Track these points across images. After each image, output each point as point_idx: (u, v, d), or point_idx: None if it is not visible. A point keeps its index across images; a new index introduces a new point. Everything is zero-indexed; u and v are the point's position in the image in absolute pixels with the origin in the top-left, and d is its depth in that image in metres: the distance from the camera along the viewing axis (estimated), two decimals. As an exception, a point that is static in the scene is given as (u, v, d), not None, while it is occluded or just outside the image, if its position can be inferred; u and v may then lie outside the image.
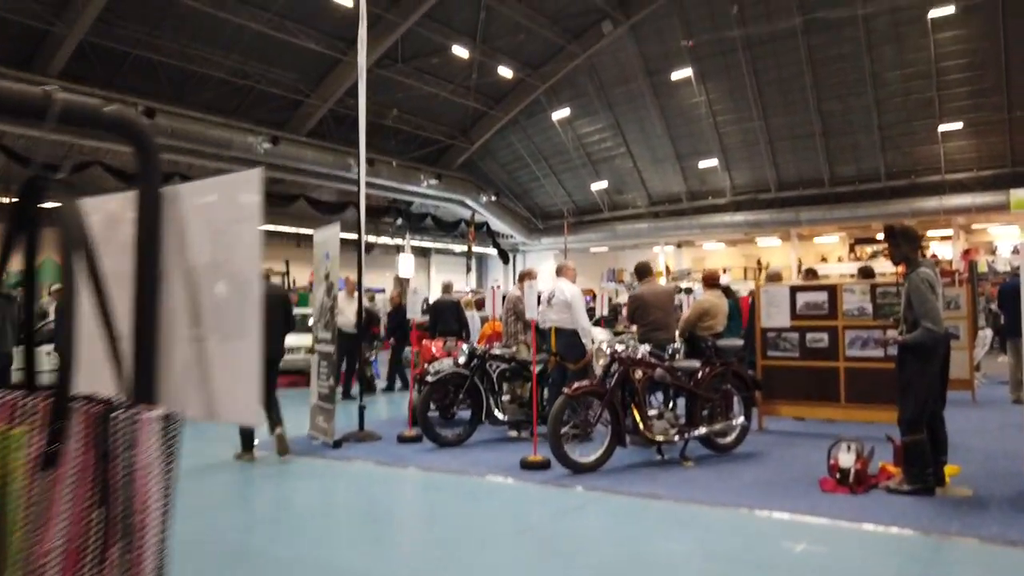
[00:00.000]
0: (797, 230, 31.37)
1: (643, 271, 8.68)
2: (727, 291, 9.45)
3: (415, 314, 8.94)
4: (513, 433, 8.51)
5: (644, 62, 28.73)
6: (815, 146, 28.79)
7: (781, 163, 30.27)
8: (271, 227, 28.05)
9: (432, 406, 8.24)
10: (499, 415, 8.10)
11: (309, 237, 26.05)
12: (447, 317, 11.45)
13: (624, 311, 10.15)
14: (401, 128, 29.61)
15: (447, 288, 13.27)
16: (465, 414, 8.45)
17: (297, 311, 13.60)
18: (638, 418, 6.94)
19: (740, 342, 8.53)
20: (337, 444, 7.95)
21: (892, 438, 6.41)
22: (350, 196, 30.74)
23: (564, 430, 6.72)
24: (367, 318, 11.78)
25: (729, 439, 7.70)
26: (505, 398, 8.26)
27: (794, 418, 9.11)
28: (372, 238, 34.37)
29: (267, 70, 24.51)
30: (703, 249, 35.32)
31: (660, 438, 7.04)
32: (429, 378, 8.03)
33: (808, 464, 7.04)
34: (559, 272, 8.34)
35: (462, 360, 8.20)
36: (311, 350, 8.53)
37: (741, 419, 7.73)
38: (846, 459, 6.27)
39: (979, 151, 27.15)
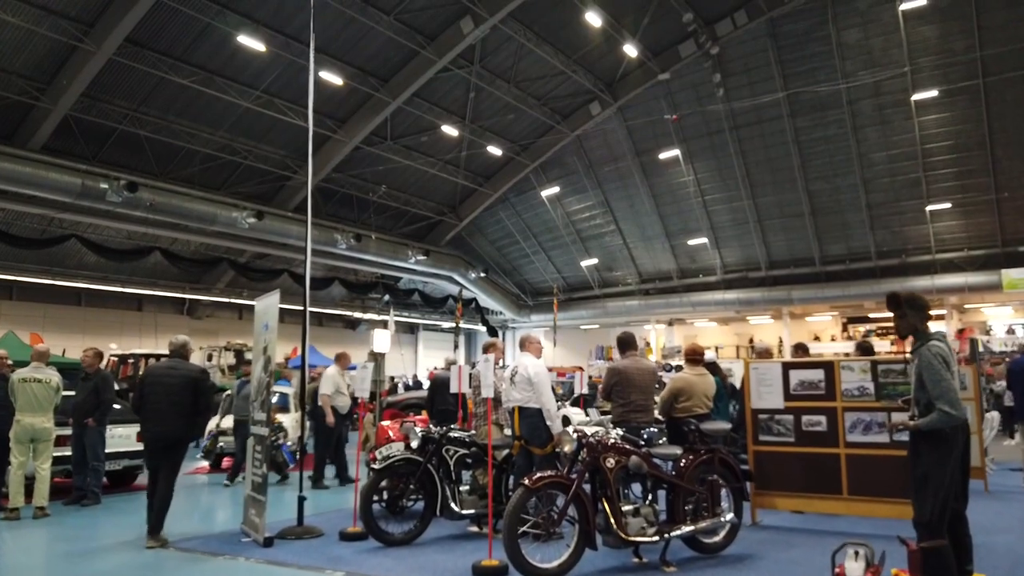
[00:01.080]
0: (789, 308, 30.57)
1: (626, 343, 7.60)
2: (713, 368, 8.43)
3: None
4: (474, 528, 7.38)
5: (632, 142, 28.48)
6: (805, 225, 28.25)
7: (771, 241, 29.68)
8: (250, 302, 27.16)
9: (382, 497, 7.15)
10: (456, 508, 6.98)
11: (296, 312, 25.34)
12: (446, 393, 10.42)
13: (600, 386, 9.04)
14: (389, 204, 29.10)
15: (451, 363, 12.22)
16: (419, 507, 7.30)
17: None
18: (610, 514, 5.86)
19: (727, 425, 7.50)
20: (268, 542, 6.82)
21: (906, 541, 5.33)
22: (337, 272, 30.00)
23: (523, 528, 5.65)
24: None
25: (717, 538, 6.60)
26: (464, 488, 7.16)
27: (792, 511, 8.01)
28: (358, 314, 33.49)
29: (255, 146, 24.10)
30: (695, 327, 34.45)
31: (636, 538, 5.95)
32: (375, 465, 6.94)
33: (810, 570, 5.95)
34: (523, 346, 7.32)
35: (414, 444, 7.15)
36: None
37: (731, 515, 6.63)
38: (854, 568, 5.18)
39: (968, 231, 26.61)
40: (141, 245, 24.25)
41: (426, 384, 19.41)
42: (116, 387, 15.80)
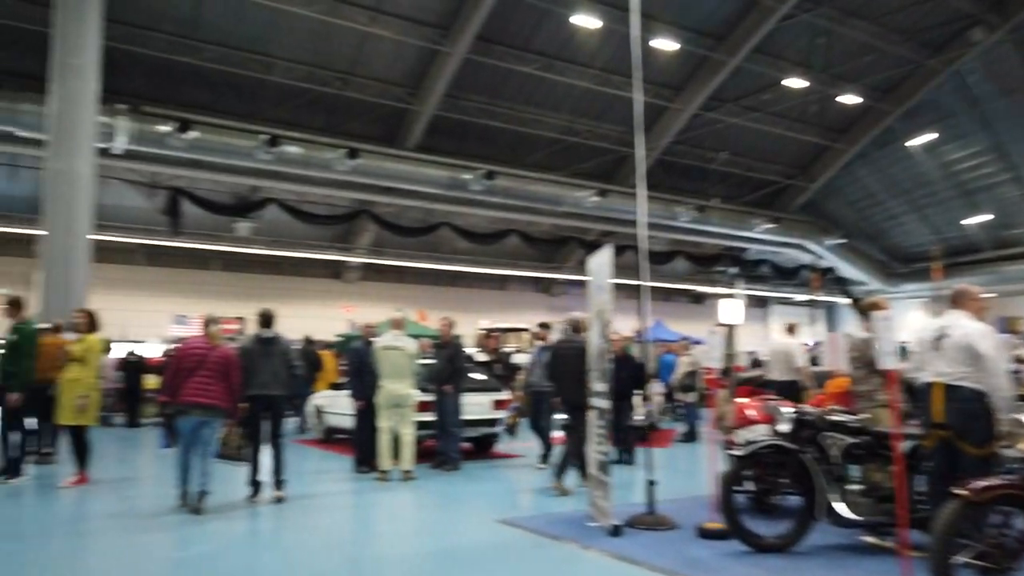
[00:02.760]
0: None
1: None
2: None
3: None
4: (869, 539, 5.62)
5: (1031, 68, 22.72)
6: None
7: None
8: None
9: (745, 489, 5.74)
10: (842, 511, 5.30)
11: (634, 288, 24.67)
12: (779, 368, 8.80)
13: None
14: (731, 171, 26.91)
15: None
16: (794, 504, 5.74)
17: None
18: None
19: None
20: (616, 530, 5.82)
21: None
22: (680, 245, 28.66)
23: (957, 557, 3.87)
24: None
25: None
26: (854, 487, 5.43)
27: None
28: (704, 288, 31.79)
29: (595, 125, 23.76)
30: None
31: None
32: (736, 451, 5.55)
33: None
34: (956, 301, 5.23)
35: (784, 428, 5.61)
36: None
37: None
38: None
39: None
40: (500, 228, 25.36)
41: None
42: (485, 359, 16.44)
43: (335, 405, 10.69)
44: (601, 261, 6.09)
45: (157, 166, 20.46)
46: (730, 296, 26.67)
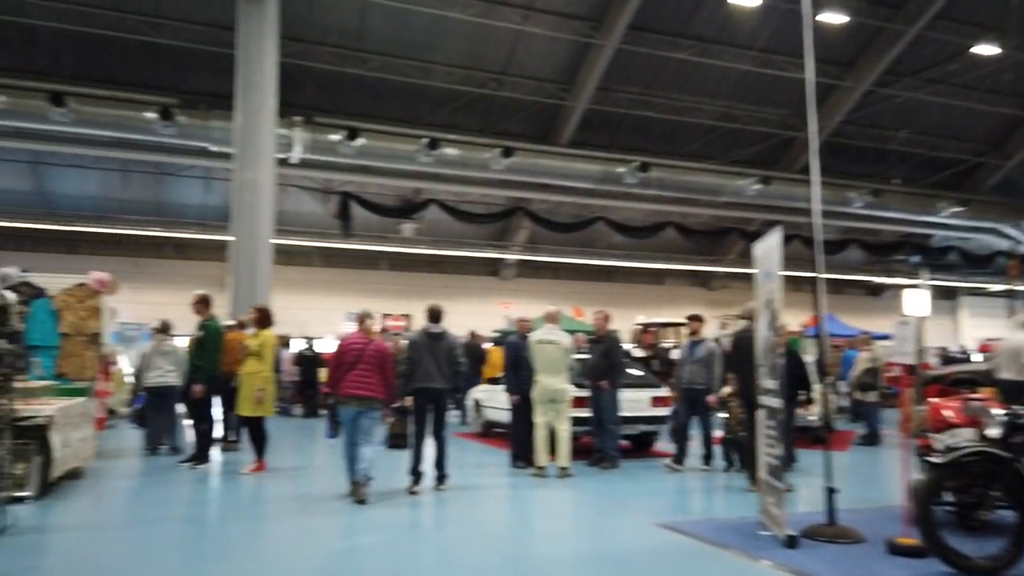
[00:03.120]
0: None
1: None
2: None
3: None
4: (1104, 563, 4.70)
5: None
6: None
7: None
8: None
9: (946, 502, 4.99)
10: (1075, 533, 4.44)
11: (811, 280, 23.02)
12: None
13: None
14: (912, 151, 24.51)
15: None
16: (1007, 520, 4.90)
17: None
18: None
19: None
20: (791, 541, 5.25)
21: None
22: (853, 233, 26.55)
23: None
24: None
25: None
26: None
27: None
28: (882, 279, 29.26)
29: (755, 110, 22.47)
30: None
31: None
32: (935, 458, 4.82)
33: None
34: None
35: (994, 432, 4.81)
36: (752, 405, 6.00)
37: None
38: None
39: None
40: (656, 221, 24.63)
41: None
42: (642, 354, 15.96)
43: (493, 399, 10.69)
44: (769, 246, 5.53)
45: (329, 173, 21.65)
46: (914, 287, 24.30)
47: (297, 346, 16.35)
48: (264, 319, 8.03)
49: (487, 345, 16.46)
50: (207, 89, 19.01)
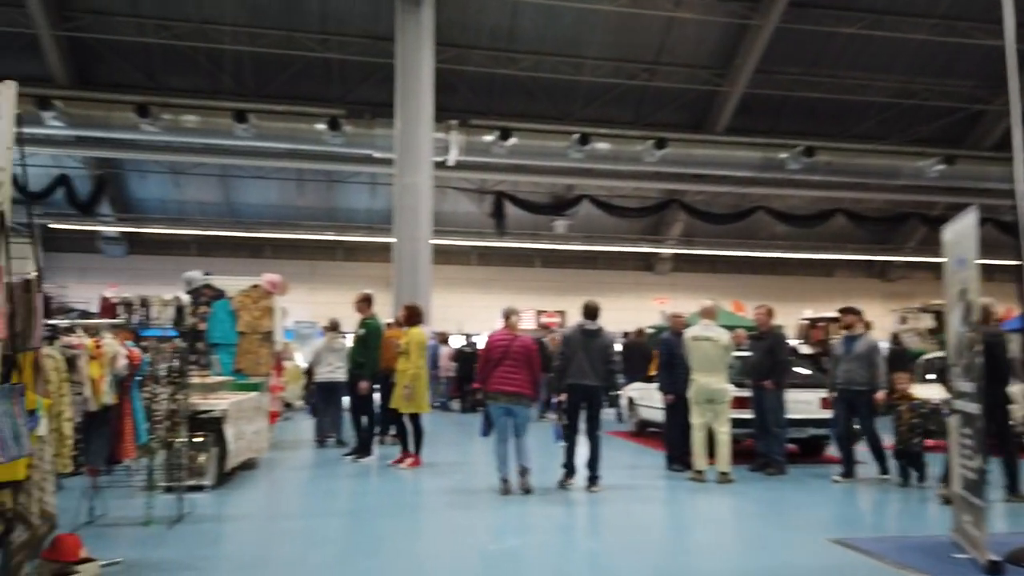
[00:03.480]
0: None
1: None
2: None
3: None
4: None
5: None
6: None
7: None
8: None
9: None
10: None
11: (1006, 269, 20.20)
12: None
13: None
14: None
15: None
16: None
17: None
18: None
19: None
20: (994, 567, 4.50)
21: None
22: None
23: None
24: None
25: None
26: None
27: None
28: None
29: (936, 83, 20.31)
30: None
31: None
32: None
33: None
34: None
35: None
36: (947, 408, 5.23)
37: None
38: None
39: None
40: (824, 209, 22.93)
41: None
42: (810, 351, 14.85)
43: (647, 397, 10.30)
44: (962, 230, 4.77)
45: (484, 173, 22.01)
46: None
47: (456, 342, 16.71)
48: (412, 317, 8.13)
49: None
50: (370, 99, 19.90)
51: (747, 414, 8.25)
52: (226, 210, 23.24)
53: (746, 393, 8.29)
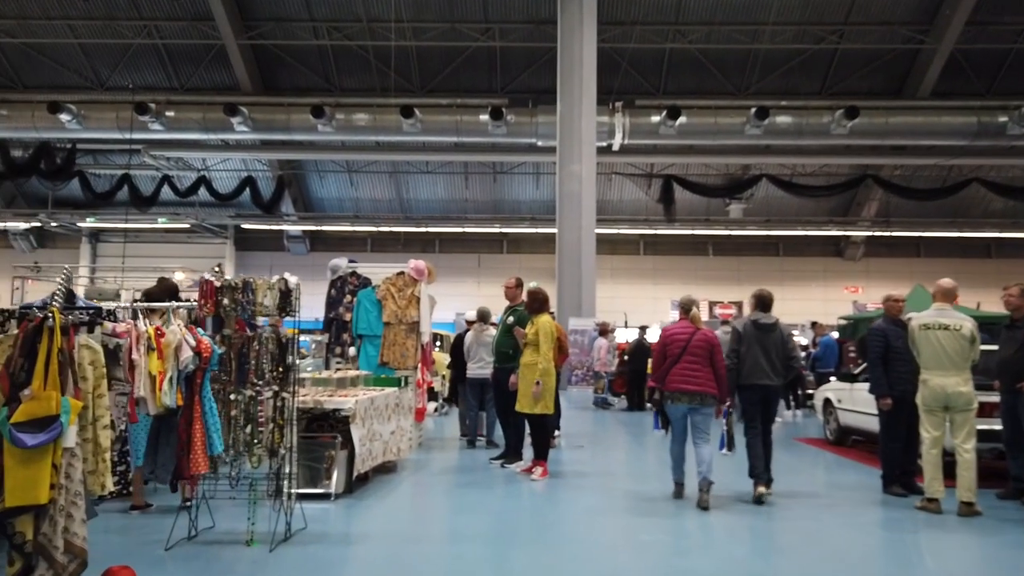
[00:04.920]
0: None
1: None
2: None
3: None
4: None
5: None
6: None
7: None
8: None
9: None
10: None
11: None
12: None
13: None
14: None
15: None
16: None
17: None
18: None
19: None
20: None
21: None
22: None
23: None
24: None
25: None
26: None
27: None
28: None
29: None
30: None
31: None
32: None
33: None
34: None
35: None
36: None
37: None
38: None
39: None
40: (1055, 179, 19.11)
41: None
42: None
43: (851, 400, 8.40)
44: None
45: (651, 157, 20.43)
46: None
47: (623, 336, 15.33)
48: (537, 303, 6.86)
49: (834, 334, 13.75)
50: (532, 86, 19.05)
51: (995, 425, 6.28)
52: (397, 206, 23.39)
53: (993, 398, 6.31)
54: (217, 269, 4.20)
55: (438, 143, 19.71)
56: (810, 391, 11.98)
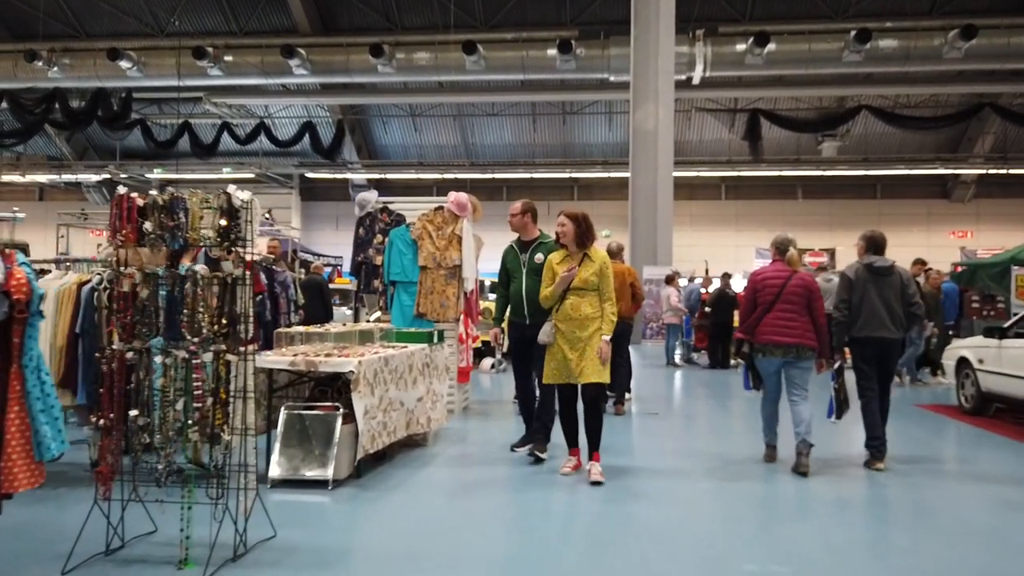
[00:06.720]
0: None
1: None
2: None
3: None
4: None
5: None
6: None
7: None
8: None
9: None
10: None
11: None
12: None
13: None
14: None
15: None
16: None
17: None
18: None
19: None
20: None
21: None
22: None
23: None
24: None
25: None
26: None
27: None
28: None
29: None
30: None
31: None
32: None
33: None
34: None
35: None
36: None
37: None
38: None
39: None
40: None
41: None
42: None
43: (998, 360, 6.60)
44: None
45: (735, 91, 18.28)
46: None
47: (699, 285, 13.54)
48: (585, 232, 4.44)
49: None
50: (604, 16, 17.19)
51: None
52: (463, 152, 22.01)
53: None
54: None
55: (503, 82, 18.19)
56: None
